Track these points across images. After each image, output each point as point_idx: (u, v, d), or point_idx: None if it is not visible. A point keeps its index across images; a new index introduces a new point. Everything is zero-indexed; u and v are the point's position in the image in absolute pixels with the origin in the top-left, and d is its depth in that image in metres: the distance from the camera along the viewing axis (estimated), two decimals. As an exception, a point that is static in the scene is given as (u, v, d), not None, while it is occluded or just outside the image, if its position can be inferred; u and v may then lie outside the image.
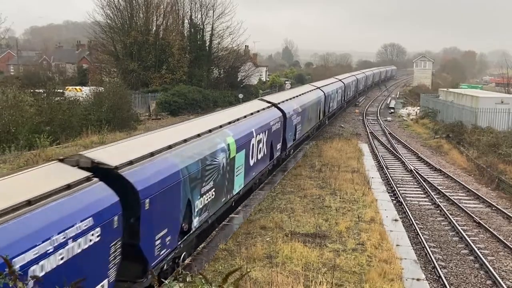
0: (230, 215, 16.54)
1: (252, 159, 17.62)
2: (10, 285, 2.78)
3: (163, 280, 10.41)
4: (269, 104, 22.36)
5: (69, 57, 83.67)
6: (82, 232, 7.69)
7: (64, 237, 7.28)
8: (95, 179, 8.66)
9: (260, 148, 18.73)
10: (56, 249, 7.10)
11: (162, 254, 10.45)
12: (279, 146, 22.37)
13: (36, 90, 33.00)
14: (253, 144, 17.52)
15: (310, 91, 33.22)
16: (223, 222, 15.89)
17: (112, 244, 8.56)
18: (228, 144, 14.70)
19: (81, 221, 7.70)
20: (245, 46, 71.74)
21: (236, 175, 15.70)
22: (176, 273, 11.65)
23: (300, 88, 34.51)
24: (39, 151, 23.64)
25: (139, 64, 53.23)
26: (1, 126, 25.55)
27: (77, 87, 46.44)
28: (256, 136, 17.87)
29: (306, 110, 28.61)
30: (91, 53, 68.43)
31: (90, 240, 7.91)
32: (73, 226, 7.50)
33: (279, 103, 23.14)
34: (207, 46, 59.66)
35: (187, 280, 3.01)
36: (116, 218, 8.60)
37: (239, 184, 16.20)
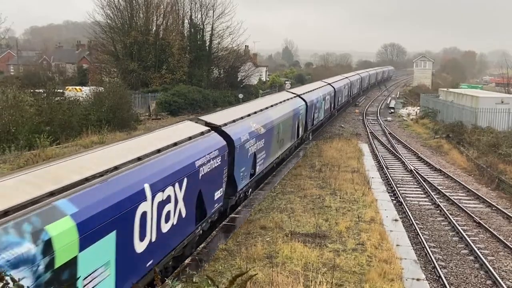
0: (230, 215, 16.53)
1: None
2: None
3: (165, 278, 10.41)
4: (207, 128, 14.69)
5: (69, 57, 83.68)
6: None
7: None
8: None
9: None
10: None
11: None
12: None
13: (36, 90, 32.99)
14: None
15: (283, 101, 25.44)
16: (223, 222, 15.90)
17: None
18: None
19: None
20: (245, 46, 71.83)
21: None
22: (177, 273, 11.65)
23: (271, 97, 26.82)
24: (39, 151, 23.64)
25: (139, 64, 53.22)
26: (1, 126, 25.55)
27: (77, 87, 46.43)
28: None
29: (272, 130, 20.96)
30: (91, 53, 68.43)
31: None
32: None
33: (221, 126, 15.46)
34: (207, 46, 59.67)
35: (194, 280, 3.00)
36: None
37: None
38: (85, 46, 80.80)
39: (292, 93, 29.67)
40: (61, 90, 36.91)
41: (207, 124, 14.88)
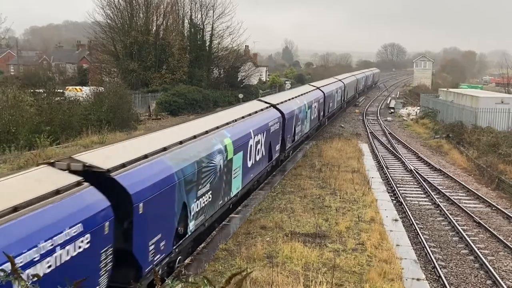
0: (229, 215, 16.52)
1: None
2: (13, 283, 2.78)
3: (165, 278, 10.42)
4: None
5: (69, 57, 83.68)
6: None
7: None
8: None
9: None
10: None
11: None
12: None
13: (36, 90, 32.99)
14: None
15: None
16: (223, 222, 15.89)
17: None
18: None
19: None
20: (245, 46, 71.82)
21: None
22: (177, 273, 11.65)
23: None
24: (39, 151, 23.64)
25: (139, 64, 53.21)
26: (1, 126, 25.54)
27: (77, 87, 46.43)
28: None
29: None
30: (91, 53, 68.41)
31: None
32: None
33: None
34: (207, 46, 59.66)
35: (190, 280, 3.01)
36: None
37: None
38: (85, 46, 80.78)
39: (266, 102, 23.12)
40: (61, 90, 36.95)
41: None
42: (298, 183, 21.40)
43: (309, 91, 33.02)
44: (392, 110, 57.35)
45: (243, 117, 17.76)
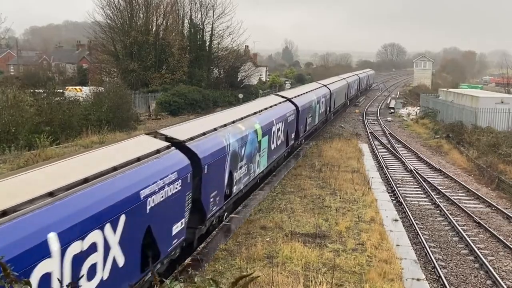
0: (229, 216, 16.54)
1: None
2: None
3: (163, 279, 10.41)
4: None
5: (69, 57, 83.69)
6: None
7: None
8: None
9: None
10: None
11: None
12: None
13: (36, 90, 32.97)
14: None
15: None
16: (223, 222, 15.89)
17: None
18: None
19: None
20: (245, 46, 71.82)
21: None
22: (177, 273, 11.65)
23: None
24: (39, 151, 23.63)
25: (139, 64, 53.21)
26: (1, 126, 25.53)
27: (77, 87, 46.43)
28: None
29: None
30: (91, 53, 68.43)
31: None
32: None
33: None
34: (207, 46, 59.68)
35: (195, 280, 2.99)
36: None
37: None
38: (85, 46, 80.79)
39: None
40: (61, 90, 36.93)
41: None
42: (298, 183, 21.39)
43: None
44: (392, 110, 57.35)
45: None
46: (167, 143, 11.49)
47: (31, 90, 32.63)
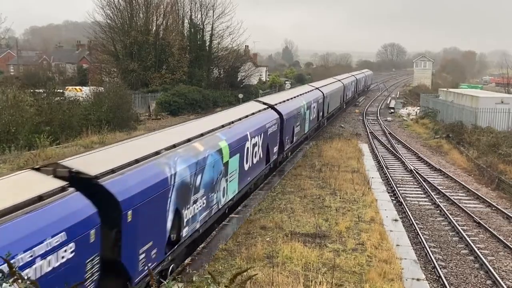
0: (229, 216, 16.50)
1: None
2: (10, 286, 2.76)
3: (161, 280, 10.40)
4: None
5: (69, 57, 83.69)
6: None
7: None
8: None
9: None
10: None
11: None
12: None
13: (36, 90, 32.95)
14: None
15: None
16: (223, 222, 15.88)
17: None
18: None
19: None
20: (245, 46, 71.82)
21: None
22: (177, 273, 11.62)
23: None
24: (39, 151, 23.63)
25: (139, 64, 53.21)
26: (1, 126, 25.52)
27: (77, 87, 46.44)
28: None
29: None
30: (91, 53, 68.42)
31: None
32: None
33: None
34: (207, 46, 59.68)
35: (194, 279, 3.00)
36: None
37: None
38: (85, 46, 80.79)
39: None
40: (61, 90, 36.92)
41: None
42: (298, 183, 21.39)
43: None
44: (392, 110, 57.35)
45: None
46: (62, 183, 8.04)
47: (31, 90, 32.61)
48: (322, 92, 34.96)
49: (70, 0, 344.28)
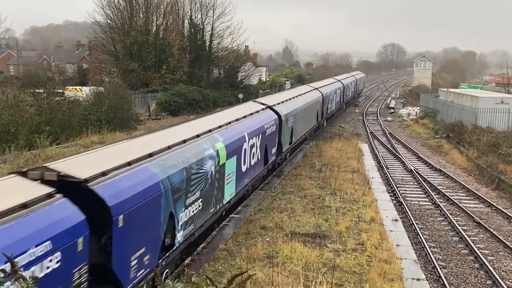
0: (229, 215, 16.49)
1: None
2: (12, 285, 2.76)
3: (166, 279, 10.42)
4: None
5: (69, 57, 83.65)
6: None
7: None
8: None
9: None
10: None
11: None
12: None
13: (36, 90, 32.96)
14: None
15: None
16: (223, 222, 15.88)
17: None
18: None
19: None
20: (245, 46, 71.80)
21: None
22: (178, 273, 11.64)
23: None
24: (39, 151, 23.63)
25: (139, 64, 53.21)
26: (1, 126, 25.53)
27: (77, 87, 46.44)
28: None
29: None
30: (91, 53, 68.42)
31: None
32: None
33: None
34: (207, 46, 59.66)
35: (193, 280, 3.00)
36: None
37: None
38: (85, 46, 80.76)
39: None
40: (61, 90, 36.92)
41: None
42: (298, 183, 21.39)
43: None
44: (392, 110, 57.36)
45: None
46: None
47: (31, 90, 32.61)
48: (279, 115, 22.80)
49: (70, 0, 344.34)
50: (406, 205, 20.06)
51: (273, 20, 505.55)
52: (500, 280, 13.23)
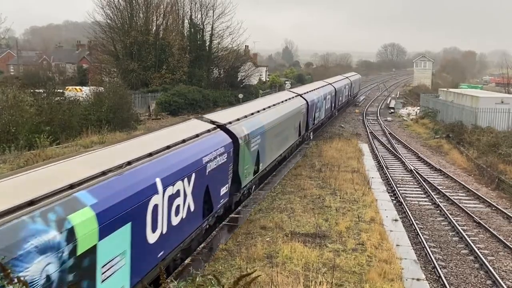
0: (230, 215, 16.54)
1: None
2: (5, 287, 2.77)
3: (172, 279, 10.42)
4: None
5: (69, 57, 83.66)
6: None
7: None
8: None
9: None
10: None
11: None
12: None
13: (36, 90, 32.94)
14: None
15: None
16: (223, 222, 15.90)
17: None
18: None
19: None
20: (245, 46, 71.80)
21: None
22: (178, 273, 11.65)
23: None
24: (39, 151, 23.62)
25: (139, 64, 53.21)
26: (1, 126, 25.52)
27: (77, 87, 46.44)
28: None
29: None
30: (91, 53, 68.42)
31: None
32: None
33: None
34: (207, 46, 59.67)
35: (197, 280, 3.00)
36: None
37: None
38: (85, 46, 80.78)
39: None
40: (61, 90, 36.90)
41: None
42: (298, 183, 21.40)
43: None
44: (392, 110, 57.36)
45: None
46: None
47: (31, 90, 32.59)
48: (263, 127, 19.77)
49: (70, 0, 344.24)
50: (406, 205, 20.06)
51: (273, 20, 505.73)
52: (500, 280, 13.23)
